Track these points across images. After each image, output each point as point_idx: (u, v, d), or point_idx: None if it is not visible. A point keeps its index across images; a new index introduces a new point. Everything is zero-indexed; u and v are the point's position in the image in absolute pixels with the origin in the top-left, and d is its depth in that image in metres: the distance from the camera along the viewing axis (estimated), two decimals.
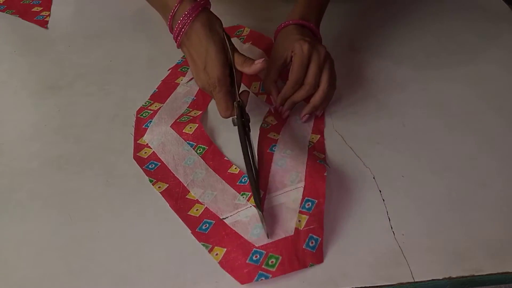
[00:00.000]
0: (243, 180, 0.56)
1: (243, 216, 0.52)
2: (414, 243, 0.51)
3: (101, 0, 0.85)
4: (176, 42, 0.61)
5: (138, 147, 0.61)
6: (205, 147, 0.60)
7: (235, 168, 0.58)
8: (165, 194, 0.55)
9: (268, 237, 0.49)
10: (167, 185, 0.56)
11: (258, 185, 0.55)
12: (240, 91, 0.60)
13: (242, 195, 0.55)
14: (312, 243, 0.50)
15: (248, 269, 0.48)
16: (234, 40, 0.69)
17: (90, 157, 0.60)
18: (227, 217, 0.53)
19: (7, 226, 0.53)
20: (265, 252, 0.49)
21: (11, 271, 0.49)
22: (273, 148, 0.59)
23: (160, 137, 0.62)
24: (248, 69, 0.59)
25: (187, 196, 0.55)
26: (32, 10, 0.85)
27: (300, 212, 0.52)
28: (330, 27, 0.80)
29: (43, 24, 0.82)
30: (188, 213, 0.54)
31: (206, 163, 0.59)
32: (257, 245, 0.49)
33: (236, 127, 0.58)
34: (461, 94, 0.70)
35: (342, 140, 0.62)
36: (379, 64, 0.75)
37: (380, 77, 0.72)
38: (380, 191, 0.56)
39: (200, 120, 0.64)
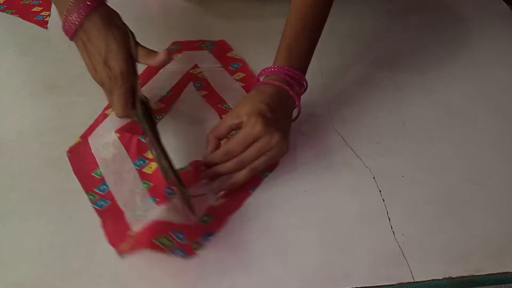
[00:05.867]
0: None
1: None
2: (414, 243, 0.51)
3: None
4: (68, 34, 0.56)
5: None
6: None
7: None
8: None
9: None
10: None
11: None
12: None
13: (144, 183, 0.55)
14: None
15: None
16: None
17: None
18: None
19: (7, 226, 0.53)
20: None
21: (11, 271, 0.49)
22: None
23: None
24: (153, 61, 0.55)
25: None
26: (32, 10, 0.85)
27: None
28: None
29: (43, 24, 0.82)
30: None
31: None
32: None
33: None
34: (461, 94, 0.70)
35: (342, 140, 0.62)
36: (379, 64, 0.75)
37: (380, 77, 0.72)
38: (380, 191, 0.56)
39: None
